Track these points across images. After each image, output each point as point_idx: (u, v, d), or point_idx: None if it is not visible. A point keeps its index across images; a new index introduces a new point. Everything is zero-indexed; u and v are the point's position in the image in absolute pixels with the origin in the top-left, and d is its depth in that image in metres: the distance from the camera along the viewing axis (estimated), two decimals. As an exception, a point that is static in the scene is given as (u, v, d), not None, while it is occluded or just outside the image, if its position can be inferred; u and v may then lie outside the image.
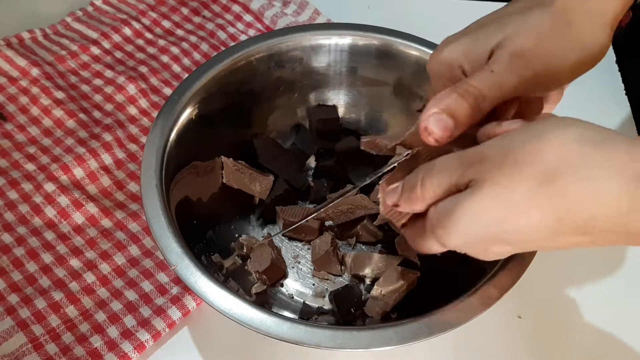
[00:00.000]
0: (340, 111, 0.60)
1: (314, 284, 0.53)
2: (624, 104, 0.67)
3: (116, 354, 0.48)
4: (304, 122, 0.60)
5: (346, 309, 0.49)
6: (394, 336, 0.39)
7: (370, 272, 0.52)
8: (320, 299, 0.52)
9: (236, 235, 0.55)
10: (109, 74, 0.67)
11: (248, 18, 0.73)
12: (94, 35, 0.70)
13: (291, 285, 0.53)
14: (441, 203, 0.34)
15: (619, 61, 0.65)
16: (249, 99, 0.56)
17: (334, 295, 0.50)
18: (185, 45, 0.70)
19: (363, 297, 0.51)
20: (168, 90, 0.66)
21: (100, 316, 0.50)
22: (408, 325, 0.40)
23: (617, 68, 0.65)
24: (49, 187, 0.57)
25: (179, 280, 0.52)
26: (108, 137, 0.61)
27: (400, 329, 0.40)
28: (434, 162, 0.35)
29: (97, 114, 0.64)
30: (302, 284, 0.53)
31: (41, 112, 0.63)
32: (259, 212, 0.56)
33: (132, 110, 0.64)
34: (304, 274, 0.54)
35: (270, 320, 0.40)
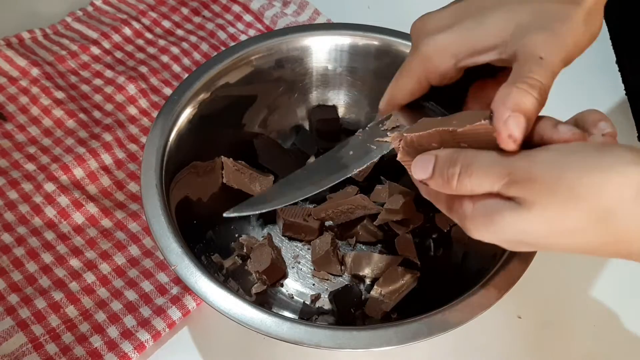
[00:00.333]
0: (340, 111, 0.60)
1: (314, 284, 0.53)
2: (624, 104, 0.67)
3: (116, 354, 0.48)
4: (304, 122, 0.60)
5: (346, 309, 0.49)
6: (394, 336, 0.39)
7: (370, 272, 0.52)
8: (318, 301, 0.52)
9: (236, 235, 0.55)
10: (109, 74, 0.67)
11: (248, 18, 0.73)
12: (94, 35, 0.70)
13: (291, 285, 0.53)
14: (481, 202, 0.34)
15: (619, 61, 0.65)
16: (249, 99, 0.56)
17: (334, 295, 0.50)
18: (185, 45, 0.70)
19: (363, 297, 0.51)
20: (168, 90, 0.66)
21: (100, 316, 0.50)
22: (408, 325, 0.40)
23: (617, 68, 0.65)
24: (49, 187, 0.57)
25: (179, 280, 0.52)
26: (108, 137, 0.61)
27: (400, 329, 0.40)
28: (474, 159, 0.34)
29: (97, 114, 0.64)
30: (302, 284, 0.53)
31: (41, 112, 0.63)
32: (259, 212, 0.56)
33: (132, 110, 0.64)
34: (304, 274, 0.54)
35: (270, 320, 0.40)
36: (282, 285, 0.53)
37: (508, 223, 0.32)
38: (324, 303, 0.52)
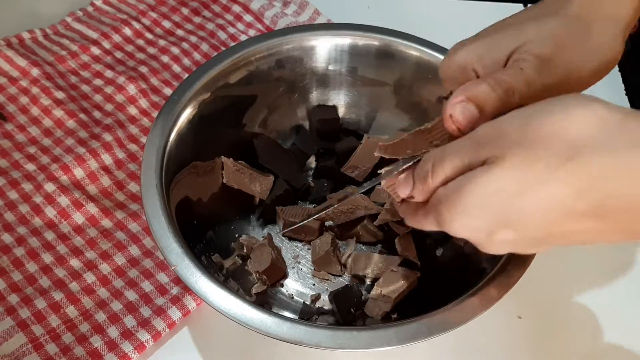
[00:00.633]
0: (340, 111, 0.60)
1: (314, 284, 0.53)
2: (624, 104, 0.67)
3: (116, 354, 0.48)
4: (304, 122, 0.60)
5: (346, 309, 0.49)
6: (394, 336, 0.39)
7: (370, 272, 0.52)
8: (318, 301, 0.52)
9: (236, 235, 0.55)
10: (109, 74, 0.67)
11: (248, 18, 0.73)
12: (94, 35, 0.70)
13: (291, 285, 0.53)
14: (451, 182, 0.33)
15: (619, 61, 0.65)
16: (249, 99, 0.56)
17: (334, 296, 0.50)
18: (185, 45, 0.70)
19: (363, 297, 0.51)
20: (168, 90, 0.66)
21: (101, 316, 0.50)
22: (408, 326, 0.40)
23: (617, 68, 0.65)
24: (49, 187, 0.57)
25: (179, 280, 0.52)
26: (108, 137, 0.61)
27: (400, 329, 0.40)
28: (445, 147, 0.34)
29: (97, 114, 0.64)
30: (302, 284, 0.53)
31: (41, 112, 0.63)
32: (259, 212, 0.56)
33: (132, 110, 0.64)
34: (304, 274, 0.54)
35: (270, 320, 0.40)
36: (282, 285, 0.53)
37: (478, 186, 0.31)
38: (324, 303, 0.52)
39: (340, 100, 0.60)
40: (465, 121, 0.34)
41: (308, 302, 0.52)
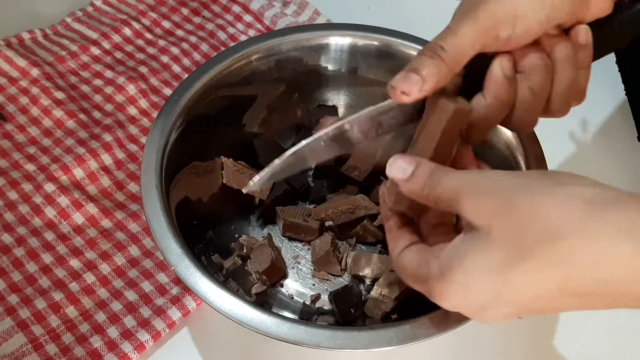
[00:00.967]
0: (340, 111, 0.60)
1: (314, 284, 0.53)
2: (624, 104, 0.67)
3: (116, 354, 0.48)
4: (304, 122, 0.60)
5: (346, 309, 0.49)
6: (394, 336, 0.39)
7: (370, 273, 0.52)
8: (318, 301, 0.52)
9: (236, 235, 0.55)
10: (109, 74, 0.67)
11: (248, 18, 0.73)
12: (94, 35, 0.70)
13: (291, 286, 0.53)
14: (444, 250, 0.33)
15: (619, 61, 0.65)
16: (249, 99, 0.56)
17: (334, 296, 0.50)
18: (185, 45, 0.70)
19: (363, 298, 0.51)
20: (168, 91, 0.66)
21: (100, 316, 0.50)
22: (408, 326, 0.40)
23: (617, 68, 0.65)
24: (49, 188, 0.57)
25: (179, 280, 0.52)
26: (108, 138, 0.61)
27: (400, 329, 0.40)
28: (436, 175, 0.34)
29: (97, 114, 0.64)
30: (302, 284, 0.53)
31: (41, 113, 0.63)
32: (259, 213, 0.56)
33: (132, 110, 0.64)
34: (304, 274, 0.54)
35: (270, 320, 0.40)
36: (282, 285, 0.53)
37: (474, 256, 0.31)
38: (324, 303, 0.52)
39: (340, 100, 0.60)
40: (408, 86, 0.35)
41: (308, 302, 0.52)
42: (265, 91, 0.57)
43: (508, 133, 0.50)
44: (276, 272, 0.52)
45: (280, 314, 0.44)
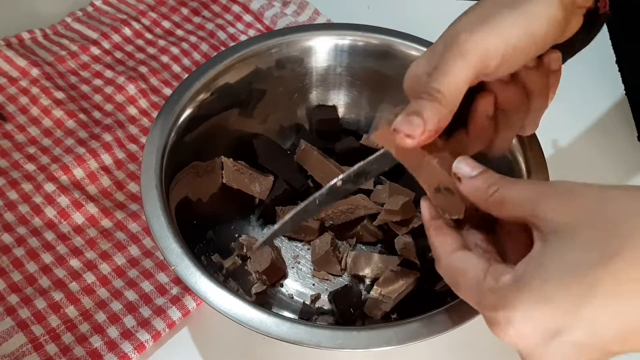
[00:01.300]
0: (340, 111, 0.60)
1: (314, 284, 0.53)
2: (624, 104, 0.67)
3: (116, 354, 0.48)
4: (304, 122, 0.60)
5: (346, 309, 0.49)
6: (394, 336, 0.39)
7: (370, 272, 0.52)
8: (318, 301, 0.52)
9: (236, 235, 0.55)
10: (108, 74, 0.67)
11: (248, 18, 0.73)
12: (94, 35, 0.70)
13: (291, 285, 0.53)
14: (520, 263, 0.32)
15: (619, 61, 0.65)
16: (249, 99, 0.56)
17: (334, 295, 0.50)
18: (185, 45, 0.70)
19: (363, 297, 0.51)
20: (168, 90, 0.66)
21: (100, 316, 0.50)
22: (408, 326, 0.40)
23: (617, 68, 0.65)
24: (49, 188, 0.57)
25: (179, 280, 0.52)
26: (108, 138, 0.61)
27: (400, 329, 0.40)
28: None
29: (97, 114, 0.64)
30: (302, 284, 0.53)
31: (41, 113, 0.63)
32: (259, 213, 0.56)
33: (132, 110, 0.64)
34: (304, 274, 0.54)
35: (270, 320, 0.40)
36: (282, 285, 0.53)
37: (556, 261, 0.30)
38: (324, 303, 0.52)
39: (340, 100, 0.60)
40: (410, 129, 0.35)
41: (308, 302, 0.52)
42: (265, 91, 0.57)
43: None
44: (276, 272, 0.52)
45: (280, 313, 0.44)
